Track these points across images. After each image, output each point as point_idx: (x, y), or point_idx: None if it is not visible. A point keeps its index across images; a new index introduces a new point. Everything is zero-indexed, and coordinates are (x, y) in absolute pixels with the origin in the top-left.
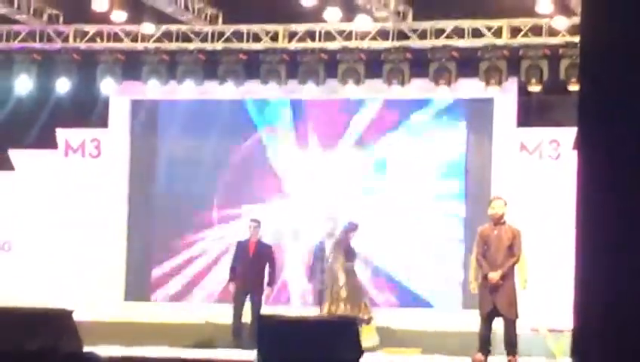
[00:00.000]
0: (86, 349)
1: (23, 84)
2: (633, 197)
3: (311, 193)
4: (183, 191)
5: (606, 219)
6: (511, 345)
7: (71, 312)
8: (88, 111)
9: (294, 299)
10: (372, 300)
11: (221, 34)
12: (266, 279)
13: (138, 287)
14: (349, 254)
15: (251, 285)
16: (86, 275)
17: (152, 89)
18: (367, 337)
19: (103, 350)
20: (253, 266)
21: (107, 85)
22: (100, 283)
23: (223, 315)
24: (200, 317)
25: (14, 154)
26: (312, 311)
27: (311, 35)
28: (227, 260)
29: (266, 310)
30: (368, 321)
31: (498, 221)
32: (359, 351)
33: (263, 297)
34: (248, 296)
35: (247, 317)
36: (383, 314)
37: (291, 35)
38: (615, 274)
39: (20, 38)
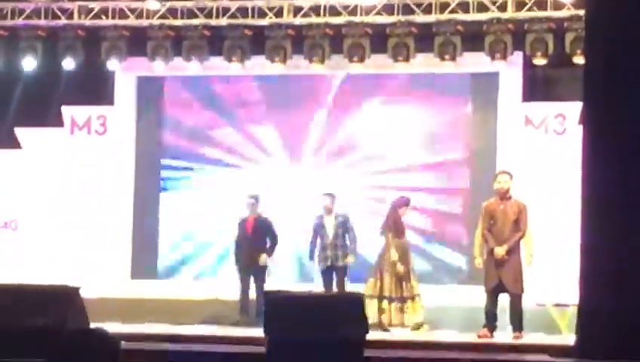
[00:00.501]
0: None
1: (29, 62)
2: (638, 171)
3: (310, 168)
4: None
5: (611, 192)
6: (516, 320)
7: (78, 289)
8: (94, 88)
9: (296, 275)
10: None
11: (226, 10)
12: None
13: (145, 264)
14: (399, 230)
15: (253, 262)
16: (93, 252)
17: (158, 65)
18: (416, 314)
19: (110, 327)
20: (253, 243)
21: (112, 62)
22: (107, 260)
23: (232, 292)
24: (208, 293)
25: (21, 133)
26: (314, 288)
27: (316, 10)
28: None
29: (270, 286)
30: (414, 298)
31: (504, 195)
32: (365, 327)
33: (266, 272)
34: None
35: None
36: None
37: (296, 10)
38: (620, 248)
39: (24, 15)
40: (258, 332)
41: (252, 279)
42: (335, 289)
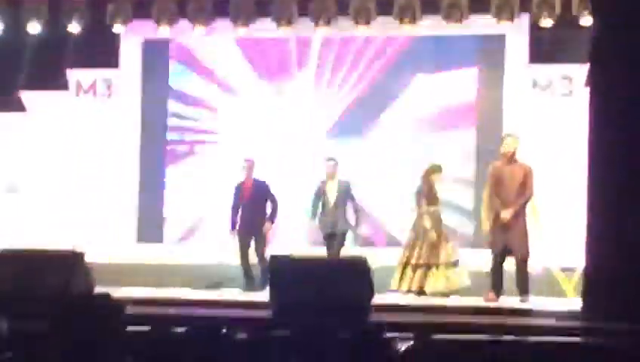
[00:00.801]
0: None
1: (34, 25)
2: None
3: (313, 133)
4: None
5: (617, 155)
6: (522, 284)
7: (82, 254)
8: (99, 51)
9: (298, 239)
10: (386, 241)
11: None
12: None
13: (151, 228)
14: (431, 198)
15: (253, 226)
16: (98, 216)
17: (163, 28)
18: (459, 279)
19: (115, 291)
20: (251, 207)
21: (118, 25)
22: (113, 224)
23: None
24: (213, 257)
25: (25, 96)
26: (317, 252)
27: None
28: None
29: (271, 250)
30: (456, 264)
31: (510, 158)
32: (371, 292)
33: (266, 235)
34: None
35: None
36: (393, 254)
37: None
38: (626, 211)
39: None
40: (261, 296)
41: (253, 245)
42: (335, 254)
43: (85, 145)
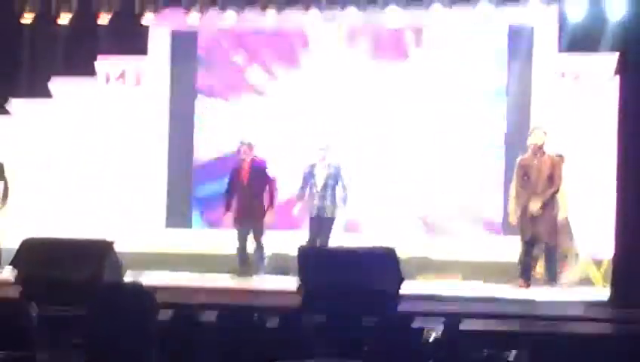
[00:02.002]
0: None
1: (64, 12)
2: None
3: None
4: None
5: None
6: (551, 271)
7: (112, 243)
8: (128, 40)
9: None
10: (412, 229)
11: None
12: (266, 202)
13: (179, 215)
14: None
15: (251, 211)
16: (127, 204)
17: (192, 17)
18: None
19: (145, 279)
20: (249, 191)
21: (147, 14)
22: (141, 211)
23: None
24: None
25: (54, 83)
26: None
27: None
28: None
29: (269, 236)
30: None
31: (538, 150)
32: (400, 280)
33: (264, 222)
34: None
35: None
36: (421, 242)
37: None
38: None
39: None
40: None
41: (251, 231)
42: (324, 241)
43: (113, 134)
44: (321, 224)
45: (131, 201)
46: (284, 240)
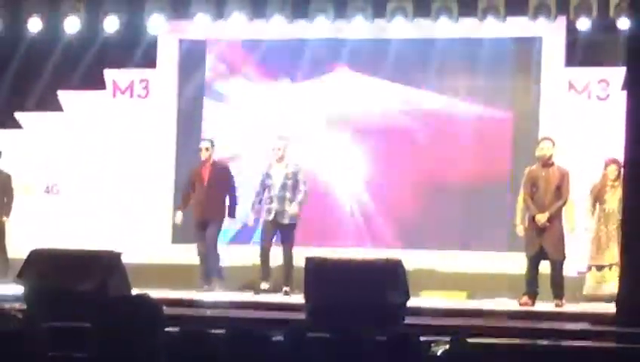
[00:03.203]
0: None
1: (71, 24)
2: None
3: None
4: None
5: None
6: (557, 288)
7: (119, 254)
8: (136, 51)
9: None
10: (420, 242)
11: None
12: (227, 207)
13: (186, 229)
14: (602, 196)
15: (210, 214)
16: (134, 217)
17: (200, 28)
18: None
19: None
20: (209, 193)
21: (155, 24)
22: (148, 225)
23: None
24: (249, 259)
25: (63, 96)
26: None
27: None
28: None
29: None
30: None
31: (546, 162)
32: (406, 293)
33: (223, 227)
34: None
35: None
36: (426, 256)
37: None
38: None
39: None
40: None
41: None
42: (281, 250)
43: (122, 146)
44: (278, 230)
45: (138, 214)
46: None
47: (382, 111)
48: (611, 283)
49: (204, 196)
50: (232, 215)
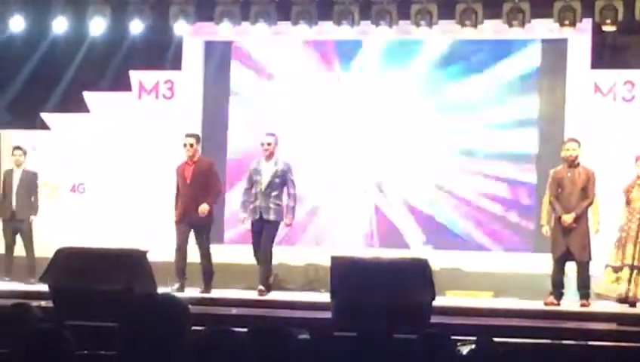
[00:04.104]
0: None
1: (97, 26)
2: None
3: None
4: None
5: None
6: (584, 288)
7: (145, 253)
8: (162, 52)
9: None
10: (445, 242)
11: None
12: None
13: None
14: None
15: (192, 214)
16: (159, 216)
17: (225, 30)
18: None
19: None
20: (192, 192)
21: (180, 26)
22: (173, 224)
23: (295, 258)
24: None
25: (89, 97)
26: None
27: None
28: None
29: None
30: None
31: (572, 163)
32: (433, 292)
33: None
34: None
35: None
36: (453, 256)
37: None
38: None
39: None
40: (320, 297)
41: (195, 238)
42: (265, 251)
43: (147, 146)
44: (264, 228)
45: (163, 213)
46: None
47: (407, 109)
48: (622, 285)
49: (186, 196)
50: (211, 202)
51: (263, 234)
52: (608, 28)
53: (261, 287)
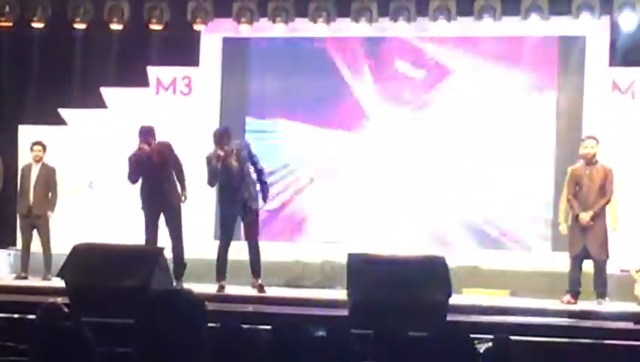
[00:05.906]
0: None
1: (115, 22)
2: None
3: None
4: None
5: None
6: (601, 287)
7: (162, 249)
8: (179, 49)
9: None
10: (461, 240)
11: None
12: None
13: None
14: None
15: (162, 201)
16: None
17: (243, 26)
18: None
19: (194, 288)
20: (157, 174)
21: (198, 23)
22: (190, 220)
23: (313, 255)
24: (289, 255)
25: (106, 92)
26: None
27: None
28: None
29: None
30: None
31: (590, 160)
32: (449, 290)
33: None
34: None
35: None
36: (469, 254)
37: None
38: None
39: None
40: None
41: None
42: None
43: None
44: (244, 219)
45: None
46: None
47: (422, 105)
48: None
49: (151, 181)
50: (184, 188)
51: (232, 226)
52: (627, 25)
53: (254, 281)
